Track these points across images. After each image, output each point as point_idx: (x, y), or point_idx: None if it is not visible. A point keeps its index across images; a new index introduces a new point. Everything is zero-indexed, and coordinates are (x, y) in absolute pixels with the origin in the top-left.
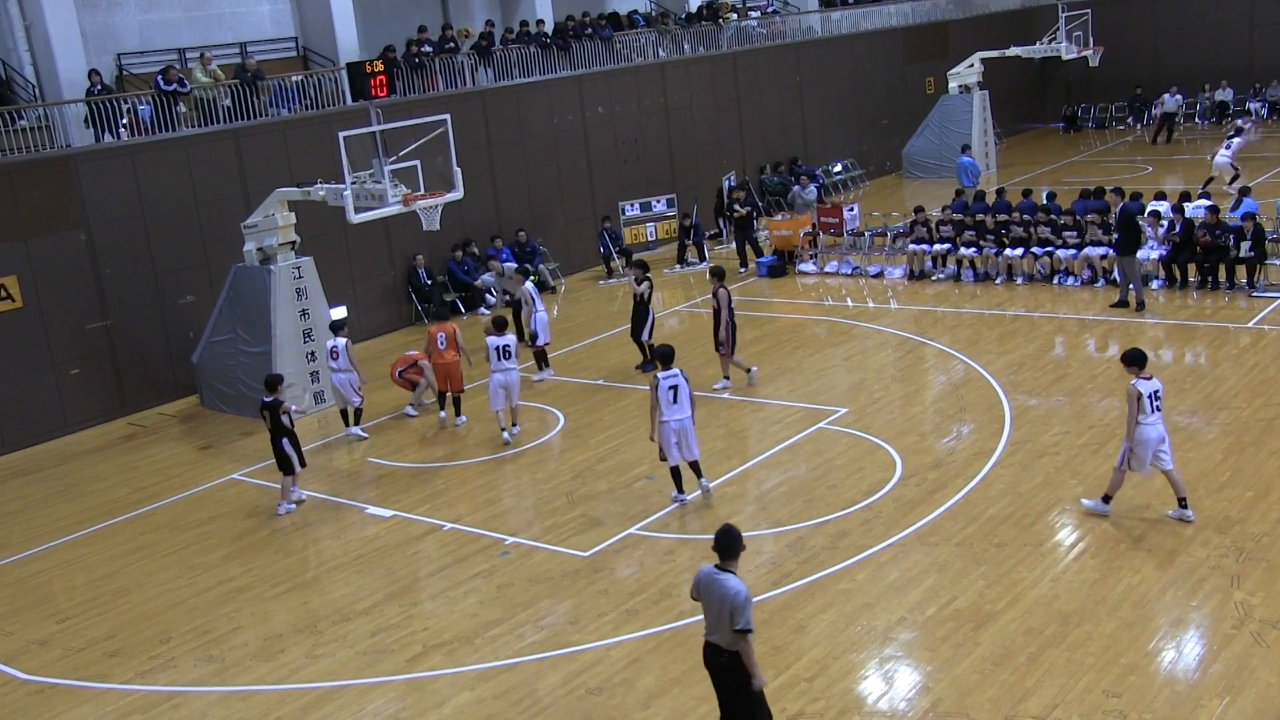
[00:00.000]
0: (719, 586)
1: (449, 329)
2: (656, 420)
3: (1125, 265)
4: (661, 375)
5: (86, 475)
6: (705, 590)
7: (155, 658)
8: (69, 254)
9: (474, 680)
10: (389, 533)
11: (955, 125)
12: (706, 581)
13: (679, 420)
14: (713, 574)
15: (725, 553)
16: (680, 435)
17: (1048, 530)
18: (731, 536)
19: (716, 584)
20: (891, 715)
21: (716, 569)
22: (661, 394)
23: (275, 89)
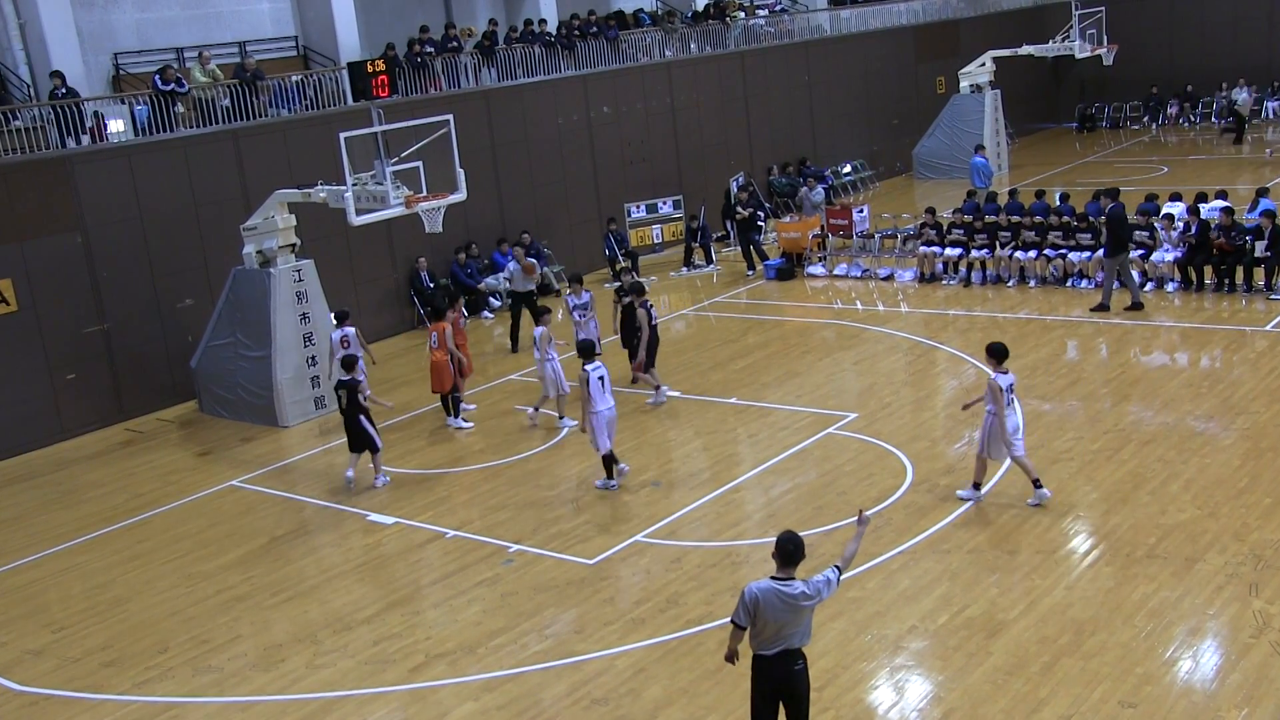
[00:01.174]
0: (792, 600)
1: (441, 327)
2: (588, 411)
3: (1111, 266)
4: (589, 368)
5: (83, 482)
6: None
7: (153, 668)
8: (65, 256)
9: (477, 690)
10: (391, 540)
11: (966, 125)
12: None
13: (610, 409)
14: (779, 588)
15: (791, 560)
16: (610, 424)
17: (1061, 537)
18: (798, 543)
19: (789, 599)
20: None
21: (777, 584)
22: (592, 386)
23: (275, 89)
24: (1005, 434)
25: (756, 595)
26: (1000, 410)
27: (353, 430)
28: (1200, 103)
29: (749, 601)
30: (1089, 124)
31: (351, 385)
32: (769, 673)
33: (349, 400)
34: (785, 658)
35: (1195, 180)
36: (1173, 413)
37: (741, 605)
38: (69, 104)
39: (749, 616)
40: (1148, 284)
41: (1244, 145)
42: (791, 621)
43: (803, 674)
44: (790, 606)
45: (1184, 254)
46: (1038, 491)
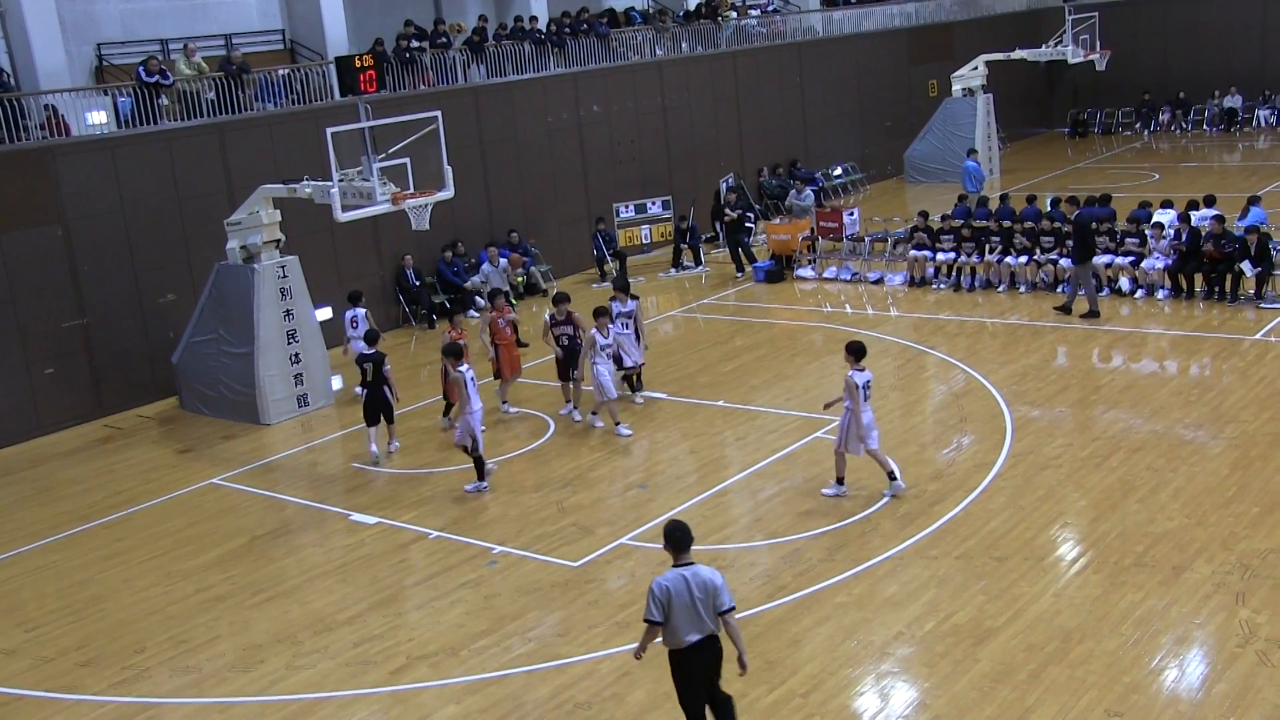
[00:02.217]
0: (699, 580)
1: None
2: (466, 411)
3: (1079, 273)
4: (464, 369)
5: (60, 478)
6: (690, 600)
7: (129, 668)
8: (45, 249)
9: (460, 693)
10: (373, 540)
11: (959, 129)
12: (689, 591)
13: (480, 409)
14: (684, 575)
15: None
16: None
17: (1049, 545)
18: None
19: (696, 580)
20: None
21: (681, 570)
22: (470, 387)
23: (261, 82)
24: (860, 428)
25: (667, 587)
26: (856, 406)
27: (376, 400)
28: (1193, 109)
29: (660, 595)
30: (1081, 129)
31: (378, 358)
32: (693, 663)
33: (375, 372)
34: (710, 643)
35: (1187, 187)
36: (1162, 420)
37: (653, 600)
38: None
39: (662, 610)
40: (1138, 291)
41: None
42: (704, 604)
43: (721, 656)
44: (700, 587)
45: (1174, 261)
46: (893, 484)
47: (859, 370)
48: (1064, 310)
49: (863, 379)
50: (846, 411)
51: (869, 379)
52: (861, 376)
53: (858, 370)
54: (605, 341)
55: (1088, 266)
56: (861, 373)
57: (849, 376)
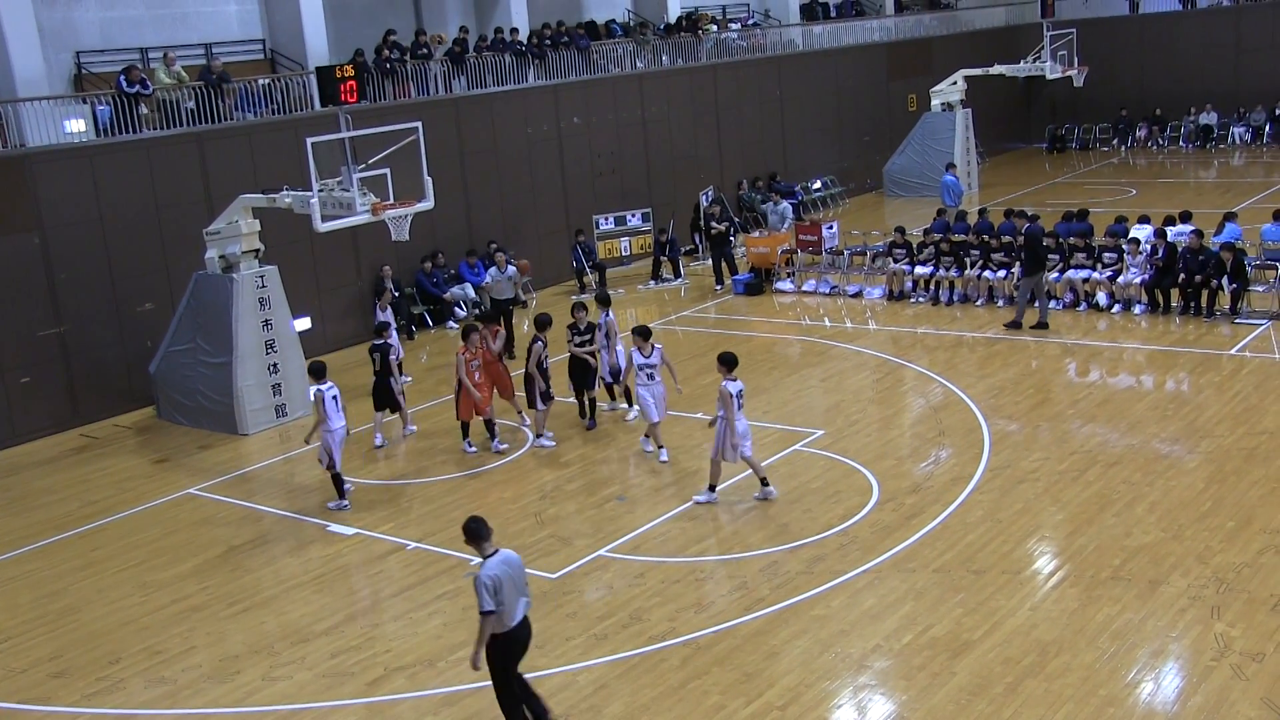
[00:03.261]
0: (512, 560)
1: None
2: (322, 430)
3: (1027, 286)
4: (324, 387)
5: (35, 488)
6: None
7: (103, 679)
8: (21, 257)
9: (437, 705)
10: (351, 551)
11: (937, 143)
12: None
13: (344, 427)
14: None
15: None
16: (342, 442)
17: (1027, 558)
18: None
19: (511, 561)
20: None
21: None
22: (329, 405)
23: (241, 92)
24: (734, 436)
25: (496, 576)
26: (730, 415)
27: (381, 389)
28: (1169, 126)
29: (491, 585)
30: (1059, 145)
31: (384, 348)
32: (517, 642)
33: (382, 361)
34: (525, 622)
35: (1163, 203)
36: (1139, 435)
37: (485, 592)
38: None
39: (495, 598)
40: (1115, 306)
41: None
42: (521, 586)
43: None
44: (518, 570)
45: (1151, 277)
46: (764, 489)
47: (731, 380)
48: (1015, 325)
49: (735, 388)
50: (721, 420)
51: (741, 389)
52: (734, 386)
53: (730, 380)
54: (644, 361)
55: (1038, 278)
56: (734, 383)
57: (722, 386)
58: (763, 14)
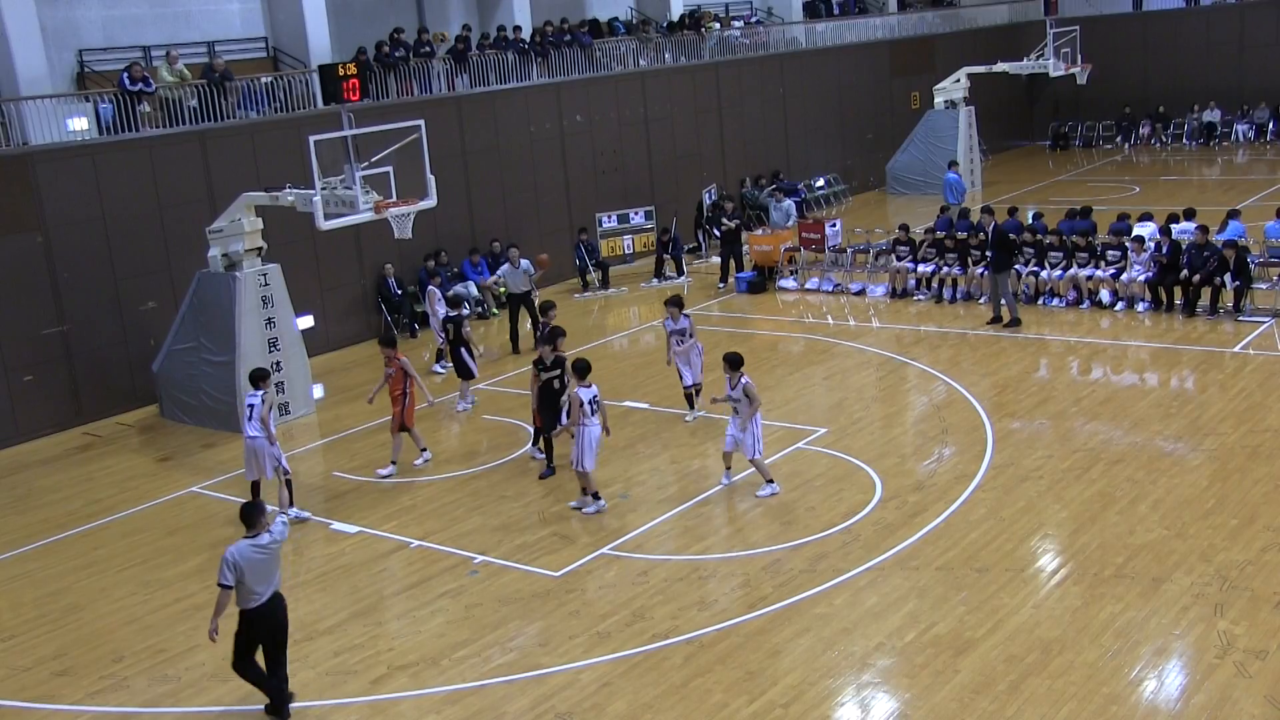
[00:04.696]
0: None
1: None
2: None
3: (999, 282)
4: (252, 394)
5: (38, 486)
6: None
7: (107, 677)
8: (24, 256)
9: (440, 703)
10: (354, 549)
11: (940, 141)
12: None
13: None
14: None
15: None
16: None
17: (1029, 556)
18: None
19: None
20: None
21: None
22: (244, 412)
23: (244, 90)
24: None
25: (235, 556)
26: (574, 419)
27: (456, 359)
28: (1172, 123)
29: (231, 563)
30: (1062, 142)
31: (458, 320)
32: (264, 620)
33: (455, 333)
34: (275, 600)
35: (1166, 201)
36: (1142, 432)
37: (226, 567)
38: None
39: (234, 575)
40: (1118, 304)
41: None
42: (272, 567)
43: (285, 610)
44: (269, 554)
45: (1155, 275)
46: (596, 502)
47: (585, 387)
48: (997, 320)
49: (588, 395)
50: (581, 427)
51: (594, 394)
52: (586, 393)
53: (584, 387)
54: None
55: (1006, 275)
56: (587, 389)
57: (574, 394)
58: (765, 11)
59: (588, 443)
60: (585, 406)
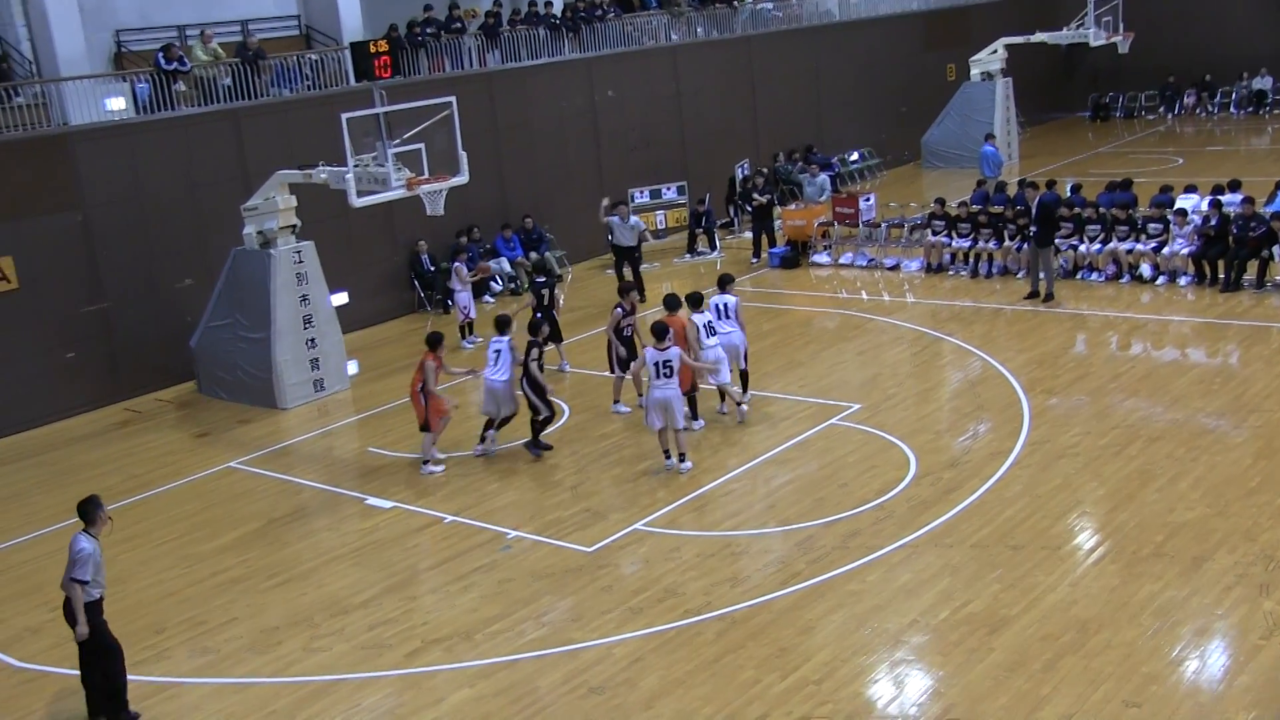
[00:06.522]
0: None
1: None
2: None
3: (1041, 257)
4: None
5: (79, 462)
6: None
7: (149, 648)
8: (64, 235)
9: (473, 677)
10: (388, 525)
11: (976, 114)
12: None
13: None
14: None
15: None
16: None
17: (1066, 534)
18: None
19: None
20: None
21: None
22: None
23: (277, 68)
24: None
25: (94, 551)
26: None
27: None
28: (1219, 92)
29: (95, 557)
30: (1102, 114)
31: (551, 283)
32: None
33: (550, 297)
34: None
35: (1211, 171)
36: (1183, 409)
37: (85, 563)
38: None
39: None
40: (1160, 278)
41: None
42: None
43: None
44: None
45: (1199, 247)
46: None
47: (658, 350)
48: (1034, 295)
49: (658, 357)
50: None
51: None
52: (656, 355)
53: (655, 350)
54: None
55: (1048, 249)
56: (659, 351)
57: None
58: None
59: (651, 403)
60: (652, 368)
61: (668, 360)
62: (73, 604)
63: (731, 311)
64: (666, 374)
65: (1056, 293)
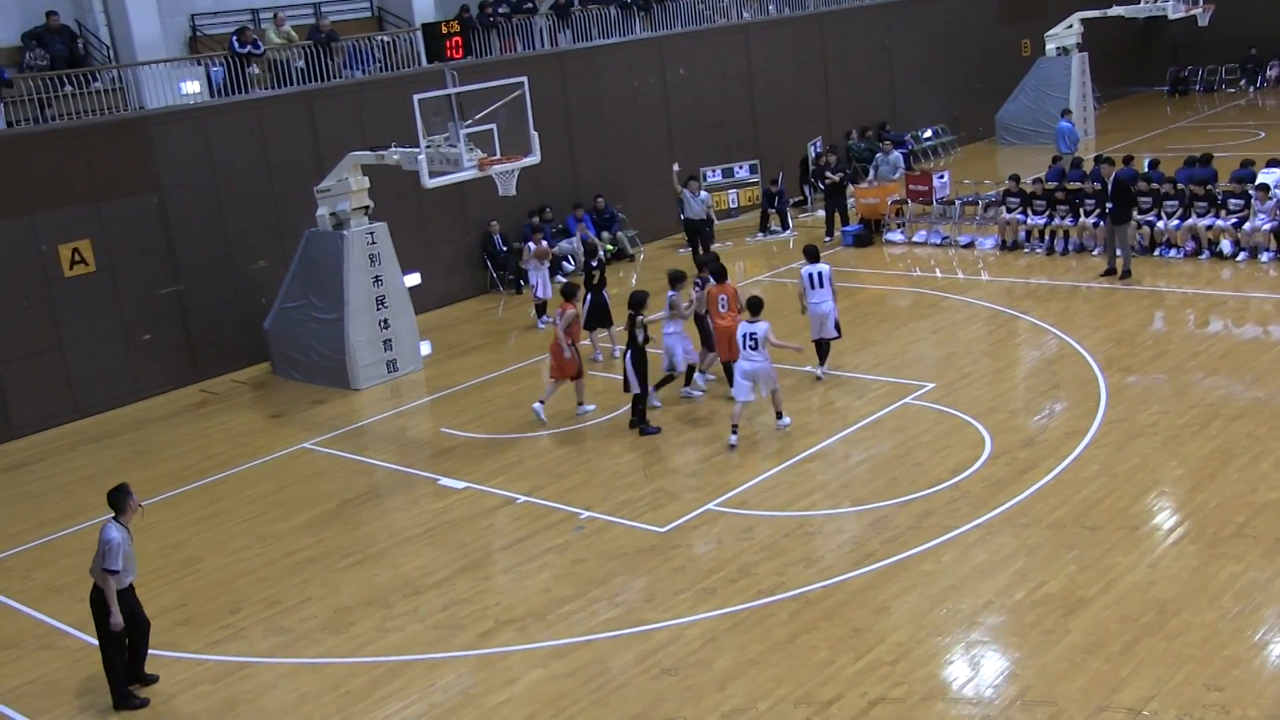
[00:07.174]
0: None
1: (730, 290)
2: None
3: (1117, 233)
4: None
5: (157, 442)
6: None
7: (225, 627)
8: (141, 217)
9: (546, 657)
10: (461, 505)
11: (1052, 89)
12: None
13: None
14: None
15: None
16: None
17: (1144, 514)
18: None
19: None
20: (977, 702)
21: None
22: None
23: (349, 50)
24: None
25: (123, 541)
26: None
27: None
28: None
29: (125, 546)
30: (1181, 87)
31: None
32: (128, 604)
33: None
34: (132, 588)
35: None
36: (1265, 387)
37: (115, 552)
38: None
39: (124, 560)
40: (1240, 254)
41: None
42: (134, 553)
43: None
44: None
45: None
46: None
47: (749, 322)
48: (1111, 273)
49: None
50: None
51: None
52: (747, 328)
53: (747, 322)
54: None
55: (1126, 226)
56: (749, 324)
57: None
58: None
59: (737, 373)
60: (740, 340)
61: (753, 333)
62: (105, 594)
63: (825, 280)
64: (752, 346)
65: (1134, 270)
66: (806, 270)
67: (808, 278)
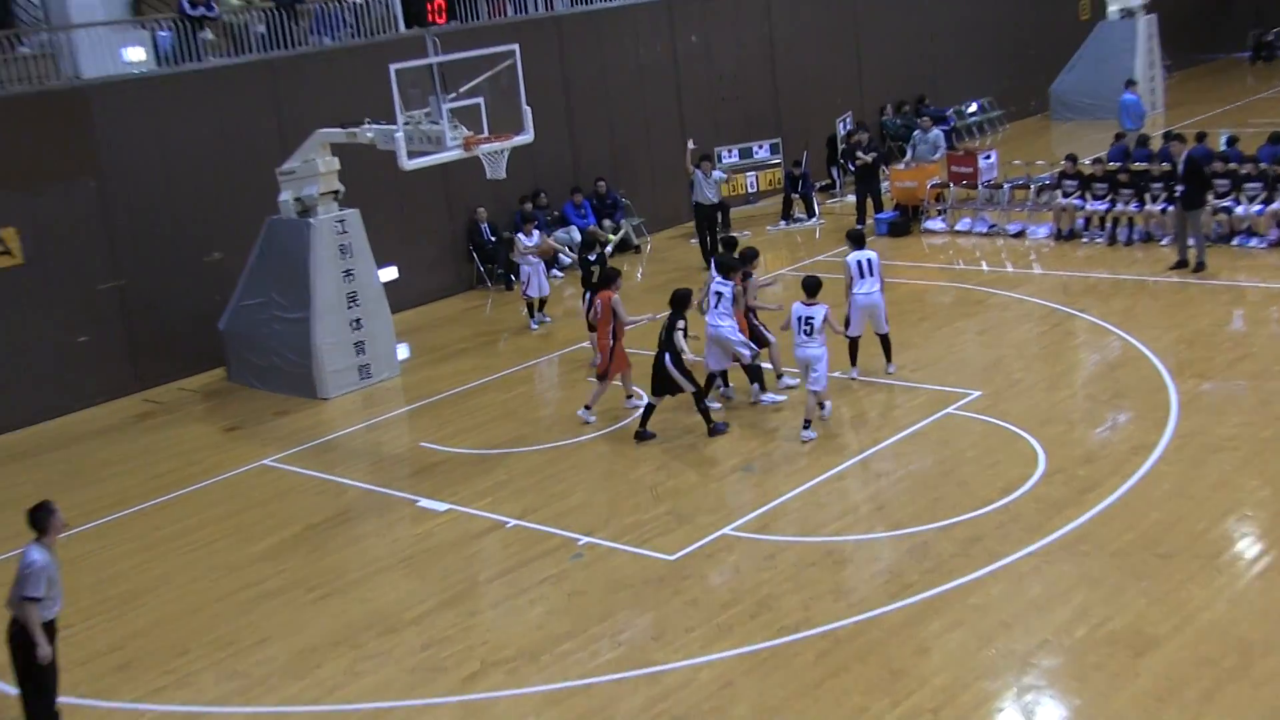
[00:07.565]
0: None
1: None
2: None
3: (1190, 220)
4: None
5: (94, 459)
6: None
7: (170, 672)
8: (78, 203)
9: (540, 703)
10: (444, 529)
11: (1114, 57)
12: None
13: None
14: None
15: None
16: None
17: (1224, 541)
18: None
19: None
20: None
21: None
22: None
23: (317, 14)
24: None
25: (47, 564)
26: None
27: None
28: None
29: (49, 570)
30: (1265, 53)
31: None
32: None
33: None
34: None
35: None
36: None
37: (38, 578)
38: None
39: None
40: None
41: None
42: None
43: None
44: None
45: None
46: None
47: (805, 305)
48: (1182, 265)
49: (804, 313)
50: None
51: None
52: (802, 310)
53: (804, 305)
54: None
55: (1198, 212)
56: (806, 307)
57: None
58: None
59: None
60: (795, 323)
61: (810, 317)
62: (26, 626)
63: (874, 268)
64: (807, 331)
65: (1208, 261)
66: (854, 258)
67: (855, 265)
